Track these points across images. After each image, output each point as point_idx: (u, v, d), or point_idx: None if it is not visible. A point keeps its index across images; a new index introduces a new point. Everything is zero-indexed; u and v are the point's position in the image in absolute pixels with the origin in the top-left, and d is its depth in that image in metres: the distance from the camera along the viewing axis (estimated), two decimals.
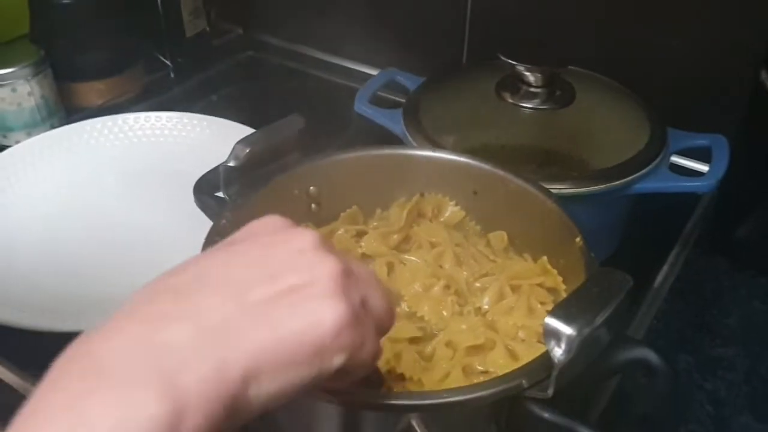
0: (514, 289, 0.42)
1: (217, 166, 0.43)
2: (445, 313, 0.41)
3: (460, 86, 0.61)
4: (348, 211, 0.47)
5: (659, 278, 0.55)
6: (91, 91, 0.76)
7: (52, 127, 0.70)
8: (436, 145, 0.52)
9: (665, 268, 0.56)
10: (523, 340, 0.38)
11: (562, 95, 0.55)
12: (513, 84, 0.55)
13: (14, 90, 0.68)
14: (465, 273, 0.43)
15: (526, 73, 0.54)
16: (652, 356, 0.33)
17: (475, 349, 0.38)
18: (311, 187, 0.46)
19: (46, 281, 0.55)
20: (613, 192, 0.50)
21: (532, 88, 0.55)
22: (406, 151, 0.49)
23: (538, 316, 0.39)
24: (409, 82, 0.63)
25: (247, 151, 0.42)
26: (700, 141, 0.55)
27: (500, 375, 0.32)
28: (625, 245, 0.57)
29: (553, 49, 0.57)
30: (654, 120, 0.55)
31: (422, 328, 0.40)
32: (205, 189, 0.44)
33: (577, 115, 0.55)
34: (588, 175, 0.50)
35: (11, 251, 0.58)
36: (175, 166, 0.66)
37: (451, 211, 0.47)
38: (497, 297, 0.41)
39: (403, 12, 0.77)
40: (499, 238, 0.46)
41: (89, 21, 0.74)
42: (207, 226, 0.41)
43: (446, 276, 0.42)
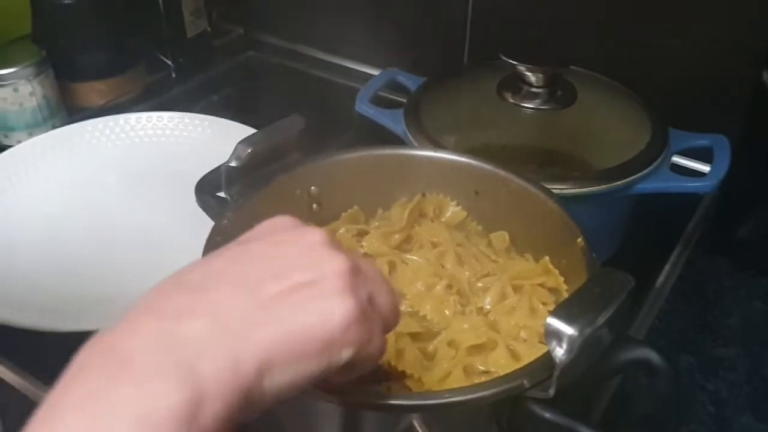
0: (516, 289, 0.42)
1: (219, 166, 0.43)
2: (447, 312, 0.41)
3: (461, 86, 0.61)
4: (349, 211, 0.47)
5: (661, 278, 0.55)
6: (93, 91, 0.76)
7: (54, 127, 0.70)
8: (438, 145, 0.52)
9: (667, 268, 0.56)
10: (525, 340, 0.38)
11: (563, 95, 0.56)
12: (514, 84, 0.55)
13: (16, 90, 0.68)
14: (467, 273, 0.43)
15: (528, 74, 0.54)
16: (653, 356, 0.33)
17: (477, 349, 0.38)
18: (312, 187, 0.46)
19: (47, 281, 0.55)
20: (614, 192, 0.50)
21: (533, 89, 0.55)
22: (408, 151, 0.49)
23: (540, 317, 0.39)
24: (410, 82, 0.63)
25: (249, 151, 0.42)
26: (702, 141, 0.55)
27: (501, 375, 0.32)
28: (627, 245, 0.57)
29: (554, 50, 0.57)
30: (655, 120, 0.55)
31: (424, 326, 0.40)
32: (207, 189, 0.44)
33: (578, 116, 0.55)
34: (589, 176, 0.50)
35: (12, 251, 0.58)
36: (177, 166, 0.66)
37: (453, 211, 0.47)
38: (499, 297, 0.41)
39: (404, 12, 0.77)
40: (501, 238, 0.46)
41: (91, 21, 0.75)
42: (208, 226, 0.41)
43: (448, 276, 0.42)
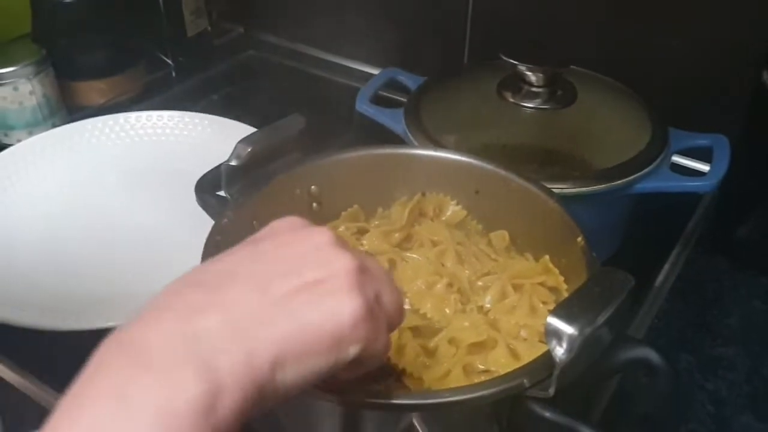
0: (516, 288, 0.42)
1: (219, 165, 0.43)
2: (447, 310, 0.41)
3: (461, 86, 0.61)
4: (349, 210, 0.47)
5: (660, 278, 0.55)
6: (93, 90, 0.76)
7: (54, 126, 0.70)
8: (438, 145, 0.51)
9: (666, 268, 0.56)
10: (525, 339, 0.38)
11: (563, 95, 0.56)
12: (514, 84, 0.56)
13: (16, 89, 0.68)
14: (467, 272, 0.43)
15: (528, 73, 0.54)
16: (653, 356, 0.33)
17: (477, 348, 0.38)
18: (312, 187, 0.46)
19: (47, 280, 0.55)
20: (614, 192, 0.50)
21: (533, 88, 0.55)
22: (408, 150, 0.49)
23: (540, 316, 0.39)
24: (411, 82, 0.63)
25: (249, 150, 0.42)
26: (701, 141, 0.55)
27: (501, 374, 0.32)
28: (627, 245, 0.57)
29: (554, 49, 0.57)
30: (655, 120, 0.55)
31: (425, 324, 0.40)
32: (207, 188, 0.44)
33: (578, 115, 0.55)
34: (589, 175, 0.50)
35: (12, 250, 0.58)
36: (177, 165, 0.66)
37: (453, 210, 0.47)
38: (499, 296, 0.41)
39: (405, 11, 0.77)
40: (501, 237, 0.46)
41: (91, 20, 0.75)
42: (208, 225, 0.41)
43: (449, 274, 0.42)
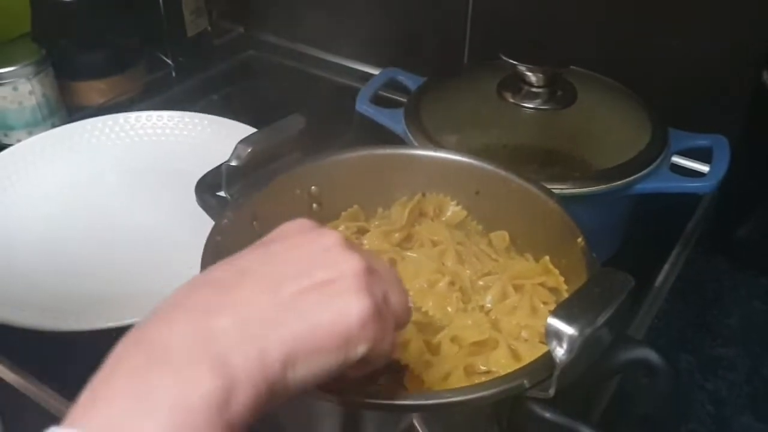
0: (517, 288, 0.42)
1: (219, 166, 0.43)
2: (449, 309, 0.41)
3: (461, 86, 0.61)
4: (349, 210, 0.47)
5: (660, 278, 0.55)
6: (93, 90, 0.76)
7: (53, 126, 0.70)
8: (438, 145, 0.51)
9: (666, 268, 0.56)
10: (526, 340, 0.38)
11: (563, 95, 0.56)
12: (514, 84, 0.55)
13: (15, 89, 0.68)
14: (468, 271, 0.43)
15: (528, 74, 0.54)
16: (653, 356, 0.33)
17: (478, 348, 0.38)
18: (313, 187, 0.46)
19: (47, 280, 0.55)
20: (614, 192, 0.50)
21: (533, 89, 0.55)
22: (408, 150, 0.49)
23: (541, 316, 0.39)
24: (411, 82, 0.63)
25: (249, 150, 0.42)
26: (701, 141, 0.55)
27: (502, 375, 0.32)
28: (627, 245, 0.57)
29: (554, 50, 0.57)
30: (655, 120, 0.55)
31: (429, 318, 0.40)
32: (207, 188, 0.44)
33: (578, 116, 0.55)
34: (589, 176, 0.50)
35: (12, 250, 0.58)
36: (176, 166, 0.66)
37: (453, 210, 0.47)
38: (500, 296, 0.41)
39: (405, 12, 0.77)
40: (501, 237, 0.46)
41: (91, 20, 0.74)
42: (208, 226, 0.41)
43: (451, 272, 0.42)
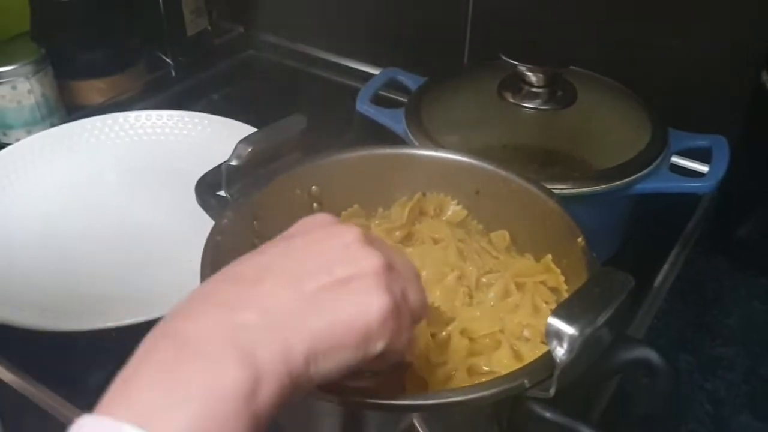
0: (518, 286, 0.41)
1: (219, 165, 0.43)
2: (456, 303, 0.40)
3: (461, 86, 0.61)
4: (349, 209, 0.47)
5: (660, 278, 0.55)
6: (92, 90, 0.76)
7: (52, 125, 0.70)
8: (438, 145, 0.51)
9: (666, 268, 0.56)
10: (528, 340, 0.38)
11: (563, 95, 0.56)
12: (515, 84, 0.56)
13: (14, 87, 0.68)
14: (471, 268, 0.43)
15: (528, 74, 0.54)
16: (653, 356, 0.33)
17: (481, 348, 0.38)
18: (313, 187, 0.46)
19: (46, 280, 0.55)
20: (614, 192, 0.50)
21: (533, 89, 0.55)
22: (408, 150, 0.49)
23: (543, 315, 0.39)
24: (411, 82, 0.63)
25: (249, 150, 0.42)
26: (701, 142, 0.55)
27: (502, 375, 0.32)
28: (627, 245, 0.57)
29: (554, 50, 0.57)
30: (655, 120, 0.55)
31: (436, 309, 0.40)
32: (207, 188, 0.44)
33: (578, 116, 0.55)
34: (589, 176, 0.50)
35: (11, 250, 0.58)
36: (176, 165, 0.66)
37: (453, 210, 0.47)
38: (502, 294, 0.41)
39: (405, 12, 0.77)
40: (501, 237, 0.46)
41: (90, 19, 0.74)
42: (208, 225, 0.40)
43: (459, 267, 0.42)
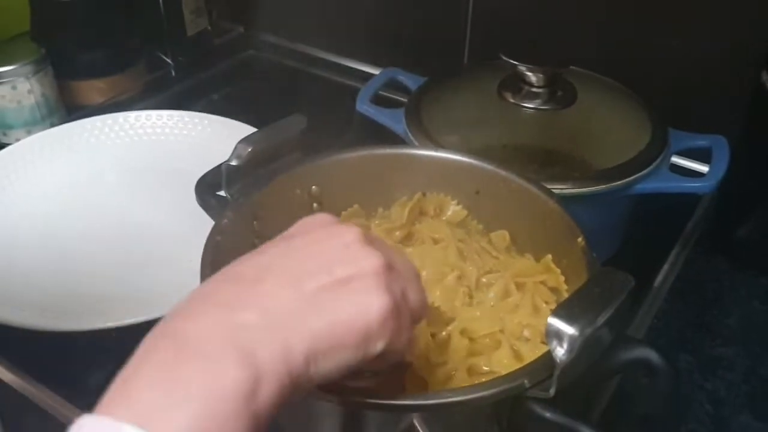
0: (518, 286, 0.41)
1: (219, 165, 0.43)
2: (457, 303, 0.40)
3: (461, 86, 0.61)
4: (349, 210, 0.47)
5: (660, 278, 0.55)
6: (92, 90, 0.76)
7: (52, 125, 0.70)
8: (438, 145, 0.51)
9: (666, 268, 0.56)
10: (528, 340, 0.38)
11: (563, 95, 0.56)
12: (515, 84, 0.56)
13: (14, 87, 0.68)
14: (470, 268, 0.43)
15: (528, 74, 0.54)
16: (653, 356, 0.33)
17: (481, 348, 0.38)
18: (313, 187, 0.46)
19: (46, 280, 0.55)
20: (614, 192, 0.50)
21: (533, 89, 0.55)
22: (408, 150, 0.49)
23: (543, 315, 0.39)
24: (411, 82, 0.63)
25: (249, 150, 0.42)
26: (701, 142, 0.55)
27: (502, 375, 0.32)
28: (627, 245, 0.57)
29: (554, 50, 0.57)
30: (655, 120, 0.55)
31: (436, 309, 0.40)
32: (207, 188, 0.44)
33: (578, 116, 0.55)
34: (589, 176, 0.50)
35: (11, 250, 0.58)
36: (176, 165, 0.66)
37: (453, 210, 0.47)
38: (502, 293, 0.41)
39: (405, 12, 0.77)
40: (501, 237, 0.46)
41: (90, 19, 0.74)
42: (208, 225, 0.40)
43: (459, 267, 0.42)
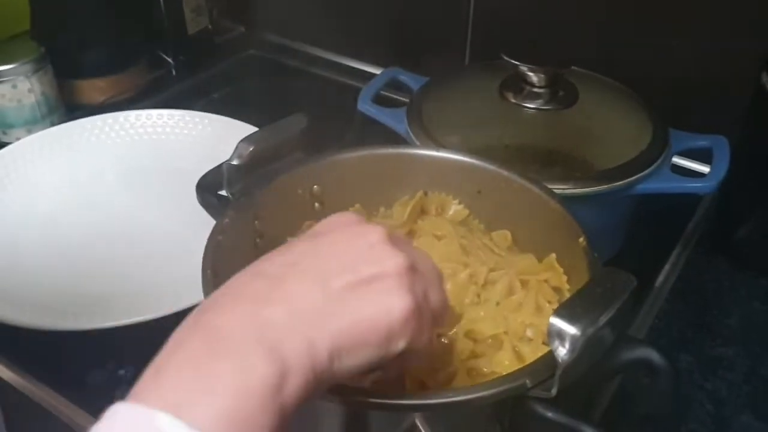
0: (523, 284, 0.41)
1: (221, 165, 0.43)
2: (466, 300, 0.40)
3: (463, 86, 0.61)
4: (351, 209, 0.47)
5: (661, 278, 0.55)
6: (93, 89, 0.76)
7: (53, 124, 0.70)
8: (440, 145, 0.51)
9: (667, 268, 0.56)
10: (531, 340, 0.38)
11: (565, 96, 0.56)
12: (516, 84, 0.56)
13: (14, 86, 0.68)
14: (480, 266, 0.42)
15: (529, 74, 0.54)
16: (654, 356, 0.32)
17: (483, 349, 0.37)
18: (314, 186, 0.46)
19: (47, 279, 0.55)
20: (615, 192, 0.50)
21: (535, 89, 0.55)
22: (410, 150, 0.49)
23: (546, 315, 0.39)
24: (413, 82, 0.63)
25: (251, 149, 0.42)
26: (701, 142, 0.55)
27: (504, 374, 0.32)
28: (628, 245, 0.57)
29: (555, 50, 0.57)
30: (656, 121, 0.55)
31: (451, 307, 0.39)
32: (208, 187, 0.44)
33: (579, 116, 0.55)
34: (591, 176, 0.50)
35: (11, 249, 0.58)
36: (177, 164, 0.66)
37: (455, 209, 0.47)
38: (507, 291, 0.41)
39: (407, 11, 0.77)
40: (503, 237, 0.46)
41: (91, 18, 0.74)
42: (209, 225, 0.40)
43: (465, 262, 0.42)
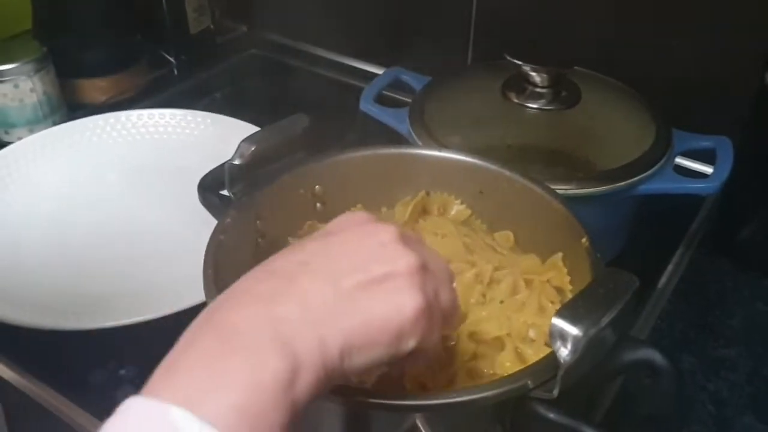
0: (527, 283, 0.41)
1: (222, 164, 0.43)
2: (472, 300, 0.40)
3: (465, 86, 0.61)
4: (353, 209, 0.47)
5: (663, 279, 0.55)
6: (94, 88, 0.76)
7: (54, 124, 0.70)
8: (442, 145, 0.51)
9: (669, 269, 0.56)
10: (533, 340, 0.38)
11: (567, 96, 0.55)
12: (518, 84, 0.55)
13: (16, 86, 0.68)
14: (486, 264, 0.42)
15: (532, 74, 0.54)
16: (657, 357, 0.32)
17: (485, 350, 0.37)
18: (316, 186, 0.46)
19: (47, 279, 0.55)
20: (618, 193, 0.50)
21: (537, 89, 0.55)
22: (412, 150, 0.49)
23: (548, 315, 0.39)
24: (415, 82, 0.63)
25: (253, 149, 0.42)
26: (704, 143, 0.55)
27: (506, 375, 0.32)
28: (630, 246, 0.57)
29: (557, 50, 0.57)
30: (659, 121, 0.55)
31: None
32: (210, 187, 0.44)
33: (582, 116, 0.55)
34: (593, 176, 0.50)
35: (13, 248, 0.58)
36: (179, 164, 0.66)
37: (457, 209, 0.47)
38: (511, 290, 0.41)
39: (409, 11, 0.77)
40: (505, 237, 0.46)
41: (92, 17, 0.74)
42: (211, 225, 0.40)
43: (471, 261, 0.42)
